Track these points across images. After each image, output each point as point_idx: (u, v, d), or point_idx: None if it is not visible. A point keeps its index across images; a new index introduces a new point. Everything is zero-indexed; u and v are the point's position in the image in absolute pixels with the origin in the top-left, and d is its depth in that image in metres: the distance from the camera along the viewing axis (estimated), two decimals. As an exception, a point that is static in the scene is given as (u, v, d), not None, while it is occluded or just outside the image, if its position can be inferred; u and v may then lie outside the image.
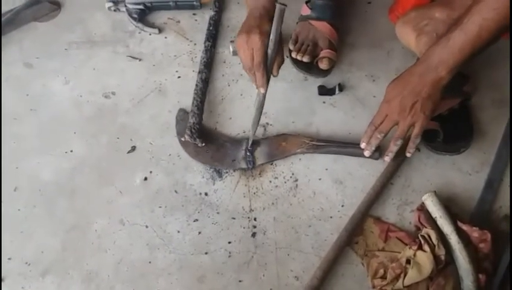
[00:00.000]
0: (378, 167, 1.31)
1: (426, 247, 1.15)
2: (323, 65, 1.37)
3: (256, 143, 1.33)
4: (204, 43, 1.46)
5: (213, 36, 1.47)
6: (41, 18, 1.50)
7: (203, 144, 1.31)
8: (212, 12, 1.50)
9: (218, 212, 1.26)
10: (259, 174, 1.31)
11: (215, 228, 1.24)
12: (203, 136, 1.31)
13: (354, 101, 1.40)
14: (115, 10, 1.51)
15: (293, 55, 1.39)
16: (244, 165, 1.30)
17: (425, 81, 1.08)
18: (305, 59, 1.37)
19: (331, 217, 1.26)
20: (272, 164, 1.32)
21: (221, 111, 1.39)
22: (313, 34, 1.40)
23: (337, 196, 1.29)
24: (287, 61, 1.43)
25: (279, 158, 1.31)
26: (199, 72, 1.41)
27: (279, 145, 1.32)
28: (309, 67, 1.40)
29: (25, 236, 1.23)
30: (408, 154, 1.20)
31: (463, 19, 1.02)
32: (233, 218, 1.26)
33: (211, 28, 1.48)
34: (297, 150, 1.31)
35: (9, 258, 1.20)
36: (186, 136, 1.30)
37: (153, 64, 1.45)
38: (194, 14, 1.53)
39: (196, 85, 1.38)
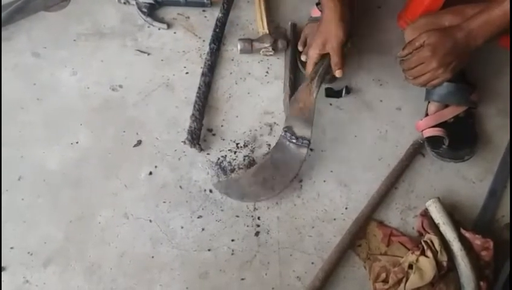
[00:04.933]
0: (383, 171, 1.31)
1: (429, 253, 1.16)
2: None
3: (288, 129, 1.29)
4: (210, 45, 1.45)
5: (219, 39, 1.47)
6: (51, 8, 1.49)
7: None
8: (219, 14, 1.49)
9: (222, 210, 1.26)
10: (264, 173, 1.31)
11: (219, 226, 1.25)
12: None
13: (361, 104, 1.41)
14: (124, 3, 1.51)
15: (303, 58, 1.38)
16: (305, 151, 1.27)
17: (466, 46, 1.16)
18: None
19: (334, 219, 1.27)
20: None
21: (228, 109, 1.39)
22: (322, 36, 1.41)
23: (341, 199, 1.29)
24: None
25: (313, 117, 1.27)
26: (202, 75, 1.40)
27: (300, 109, 1.29)
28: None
29: (28, 226, 1.22)
30: None
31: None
32: (237, 216, 1.26)
33: (217, 30, 1.47)
34: (314, 95, 1.27)
35: (11, 247, 1.19)
36: (187, 141, 1.30)
37: (161, 59, 1.45)
38: (203, 10, 1.53)
39: (199, 88, 1.38)
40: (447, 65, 1.18)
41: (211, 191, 1.28)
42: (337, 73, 1.28)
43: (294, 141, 1.27)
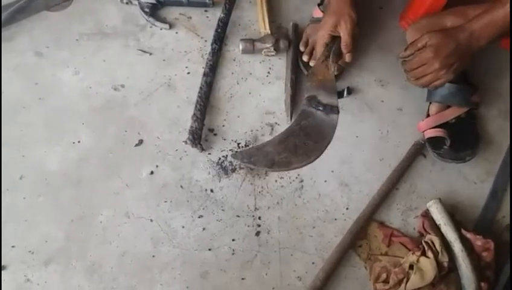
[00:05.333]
0: (384, 172, 1.31)
1: (429, 253, 1.16)
2: None
3: (312, 98, 1.20)
4: (211, 45, 1.45)
5: (221, 39, 1.46)
6: (53, 8, 1.49)
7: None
8: (221, 14, 1.49)
9: (223, 210, 1.26)
10: (265, 173, 1.31)
11: (220, 225, 1.25)
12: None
13: (362, 104, 1.41)
14: (127, 3, 1.51)
15: (305, 58, 1.39)
16: (336, 116, 1.18)
17: (469, 47, 1.16)
18: None
19: (335, 220, 1.27)
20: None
21: (229, 109, 1.39)
22: (324, 37, 1.41)
23: (342, 199, 1.29)
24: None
25: (335, 87, 1.23)
26: (204, 75, 1.40)
27: (320, 81, 1.23)
28: None
29: (29, 225, 1.22)
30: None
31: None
32: (238, 216, 1.26)
33: (219, 30, 1.47)
34: (332, 68, 1.26)
35: (12, 246, 1.20)
36: (188, 141, 1.30)
37: (163, 59, 1.45)
38: (205, 10, 1.53)
39: (200, 88, 1.38)
40: (449, 66, 1.18)
41: (211, 190, 1.28)
42: (348, 56, 1.29)
43: (321, 108, 1.19)
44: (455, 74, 1.20)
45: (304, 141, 1.15)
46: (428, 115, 1.36)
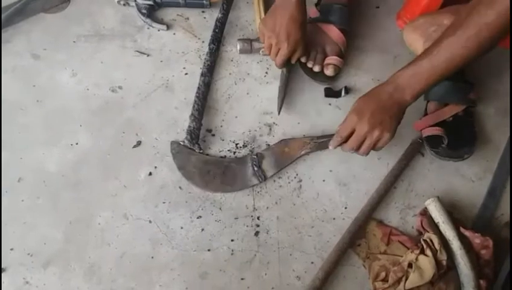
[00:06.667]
0: (382, 171, 1.32)
1: (428, 251, 1.15)
2: (328, 72, 1.38)
3: (260, 156, 1.31)
4: (209, 45, 1.45)
5: (218, 39, 1.46)
6: (51, 9, 1.49)
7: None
8: (219, 15, 1.49)
9: (221, 210, 1.27)
10: (264, 173, 1.31)
11: (218, 226, 1.25)
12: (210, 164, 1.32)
13: (360, 104, 1.41)
14: (124, 4, 1.51)
15: (303, 60, 1.39)
16: (256, 181, 1.29)
17: (393, 101, 1.08)
18: (316, 68, 1.39)
19: (334, 219, 1.27)
20: (276, 164, 1.32)
21: (227, 109, 1.39)
22: (321, 37, 1.41)
23: (340, 198, 1.29)
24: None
25: (287, 165, 1.30)
26: (201, 75, 1.40)
27: (283, 152, 1.31)
28: (315, 73, 1.41)
29: (27, 227, 1.22)
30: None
31: (433, 49, 1.03)
32: (237, 217, 1.26)
33: (216, 30, 1.47)
34: (302, 152, 1.30)
35: (11, 249, 1.20)
36: (186, 141, 1.30)
37: (160, 60, 1.45)
38: (203, 11, 1.53)
39: (198, 88, 1.38)
40: (379, 124, 1.09)
41: (210, 191, 1.29)
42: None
43: (255, 168, 1.29)
44: (392, 129, 1.10)
45: (219, 175, 1.30)
46: (426, 114, 1.36)
